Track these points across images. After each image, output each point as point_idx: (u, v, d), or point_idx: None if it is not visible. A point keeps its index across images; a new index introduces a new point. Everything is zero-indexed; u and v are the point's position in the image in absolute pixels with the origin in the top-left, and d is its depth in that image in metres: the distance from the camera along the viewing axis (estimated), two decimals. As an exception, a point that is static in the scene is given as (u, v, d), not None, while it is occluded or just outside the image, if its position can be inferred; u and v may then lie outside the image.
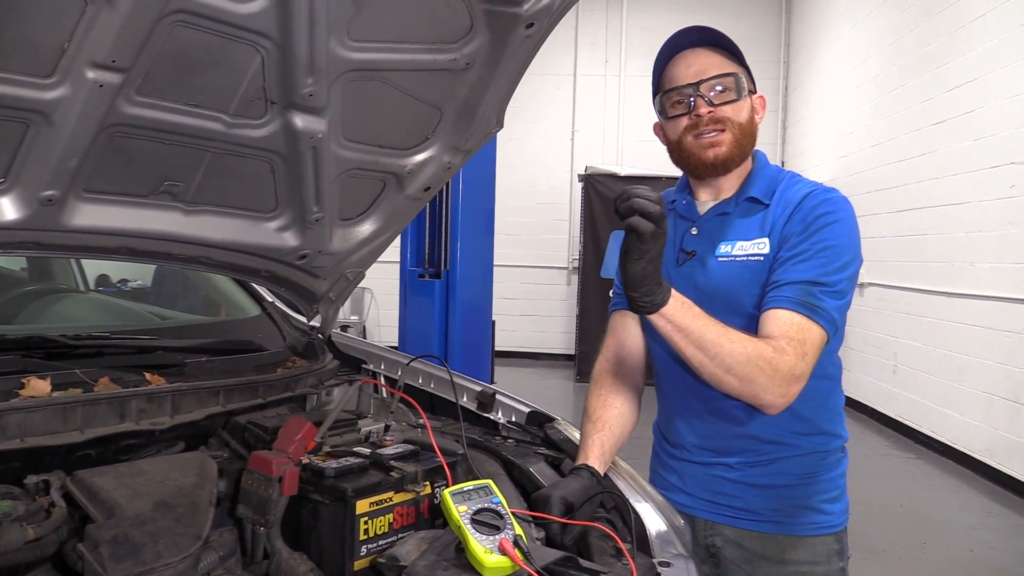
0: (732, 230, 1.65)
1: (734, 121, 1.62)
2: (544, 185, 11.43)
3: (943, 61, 6.57)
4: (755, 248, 1.60)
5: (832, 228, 1.55)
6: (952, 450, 6.29)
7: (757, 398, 1.48)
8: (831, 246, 1.54)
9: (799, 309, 1.49)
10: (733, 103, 1.62)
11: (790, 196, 1.62)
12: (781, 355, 1.45)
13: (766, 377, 1.44)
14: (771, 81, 11.01)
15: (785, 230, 1.58)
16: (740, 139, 1.63)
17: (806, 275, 1.51)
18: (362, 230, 1.90)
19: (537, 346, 11.33)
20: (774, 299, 1.52)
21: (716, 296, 1.61)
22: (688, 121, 1.63)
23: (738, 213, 1.66)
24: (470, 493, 1.20)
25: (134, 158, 1.44)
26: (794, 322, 1.48)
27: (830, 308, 1.50)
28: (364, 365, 2.13)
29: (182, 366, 1.64)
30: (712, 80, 1.61)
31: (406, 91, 1.61)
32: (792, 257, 1.54)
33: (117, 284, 3.45)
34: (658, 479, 1.81)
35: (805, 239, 1.55)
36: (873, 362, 7.77)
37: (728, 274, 1.62)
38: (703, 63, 1.62)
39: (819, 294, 1.50)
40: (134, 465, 1.31)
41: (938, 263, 6.61)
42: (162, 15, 1.21)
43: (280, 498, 1.30)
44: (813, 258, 1.52)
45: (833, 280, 1.51)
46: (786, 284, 1.52)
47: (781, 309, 1.50)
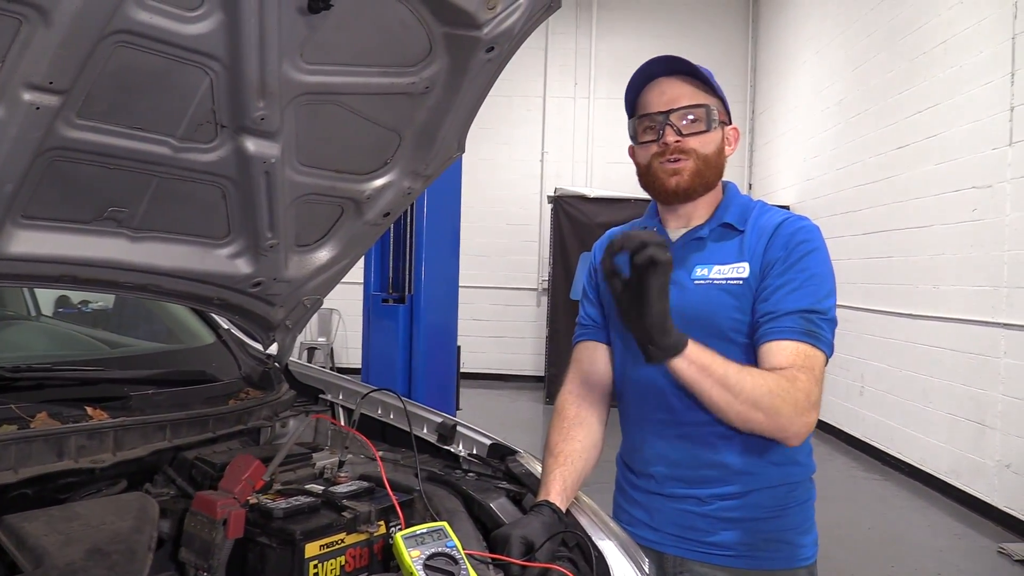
0: (708, 254, 1.65)
1: (700, 152, 1.62)
2: (514, 207, 11.43)
3: (905, 87, 6.68)
4: (734, 272, 1.60)
5: (813, 256, 1.58)
6: (919, 471, 6.33)
7: (783, 431, 1.50)
8: (816, 274, 1.56)
9: (803, 338, 1.51)
10: (701, 134, 1.61)
11: (764, 223, 1.63)
12: (796, 384, 1.46)
13: (789, 407, 1.45)
14: (738, 105, 11.13)
15: (767, 256, 1.59)
16: (703, 170, 1.63)
17: (800, 304, 1.53)
18: (319, 257, 1.85)
19: (506, 368, 11.27)
20: (775, 330, 1.53)
21: (694, 318, 1.58)
22: (656, 148, 1.63)
23: (712, 238, 1.66)
24: (423, 536, 1.15)
25: (76, 183, 1.38)
26: (800, 351, 1.50)
27: (828, 335, 1.54)
28: (321, 395, 2.07)
29: (127, 399, 1.57)
30: (683, 110, 1.61)
31: (364, 115, 1.57)
32: (781, 286, 1.55)
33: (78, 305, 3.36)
34: (623, 515, 1.76)
35: (789, 267, 1.56)
36: (840, 383, 7.82)
37: (706, 297, 1.60)
38: (676, 92, 1.62)
39: (817, 321, 1.52)
40: (68, 508, 1.24)
41: (903, 285, 6.68)
42: (103, 36, 1.15)
43: (225, 541, 1.23)
44: (803, 287, 1.54)
45: (825, 307, 1.54)
46: (784, 315, 1.53)
47: (785, 340, 1.51)
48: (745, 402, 1.44)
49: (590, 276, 1.84)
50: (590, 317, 1.81)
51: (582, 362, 1.77)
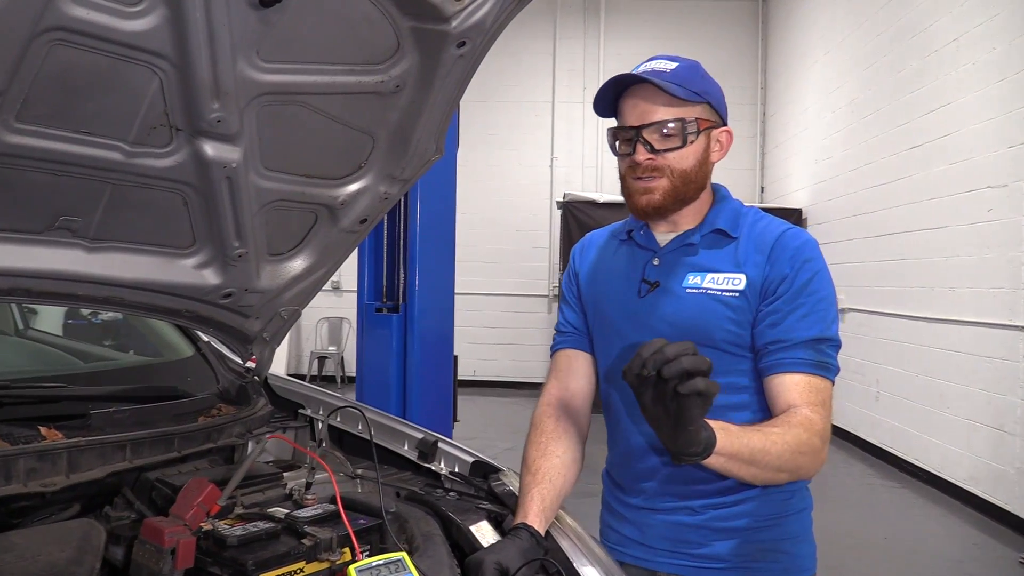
0: (700, 261, 1.56)
1: (675, 168, 1.51)
2: (523, 213, 11.35)
3: (917, 86, 6.55)
4: (729, 284, 1.52)
5: (819, 277, 1.52)
6: (937, 478, 6.18)
7: (804, 478, 1.53)
8: (823, 297, 1.51)
9: (814, 371, 1.47)
10: (677, 150, 1.50)
11: (760, 232, 1.55)
12: (813, 428, 1.42)
13: (809, 459, 1.43)
14: (749, 107, 11.03)
15: (771, 272, 1.50)
16: (679, 187, 1.53)
17: (811, 333, 1.47)
18: (294, 266, 1.77)
19: (517, 375, 11.17)
20: (787, 362, 1.47)
21: (686, 328, 1.51)
22: (629, 162, 1.54)
23: (704, 244, 1.57)
24: (379, 569, 1.07)
25: (22, 191, 1.31)
26: (812, 385, 1.46)
27: (834, 362, 1.51)
28: (301, 410, 1.99)
29: (86, 417, 1.50)
30: (653, 126, 1.50)
31: (332, 116, 1.49)
32: (792, 312, 1.48)
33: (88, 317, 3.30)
34: (611, 534, 1.67)
35: (800, 291, 1.49)
36: (855, 388, 7.67)
37: (700, 306, 1.52)
38: (647, 106, 1.50)
39: (826, 349, 1.49)
40: (4, 538, 1.15)
41: (918, 288, 6.54)
42: (36, 33, 1.08)
43: (173, 572, 1.15)
44: (812, 312, 1.49)
45: (832, 333, 1.50)
46: (795, 345, 1.47)
47: (799, 374, 1.47)
48: (769, 469, 1.39)
49: (569, 280, 1.75)
50: (570, 323, 1.72)
51: (561, 371, 1.69)
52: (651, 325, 1.54)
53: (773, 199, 10.49)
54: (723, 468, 1.34)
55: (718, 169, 1.60)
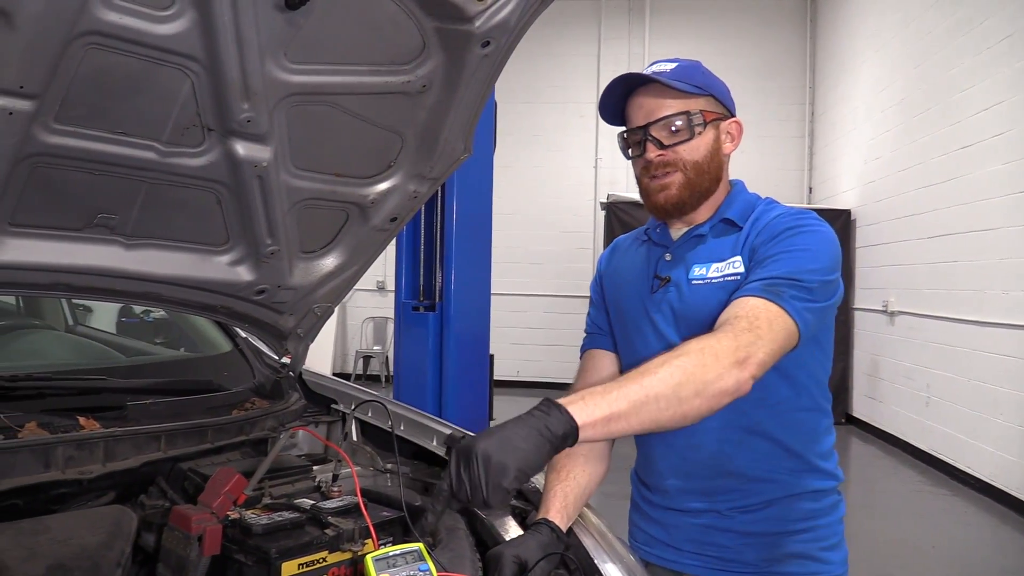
0: (706, 252, 1.56)
1: (687, 161, 1.51)
2: (567, 214, 11.34)
3: (969, 83, 6.38)
4: (730, 268, 1.50)
5: (805, 235, 1.45)
6: (989, 487, 6.00)
7: (724, 392, 1.27)
8: (803, 249, 1.43)
9: (757, 293, 1.36)
10: (686, 143, 1.51)
11: (764, 219, 1.53)
12: (712, 338, 1.30)
13: (711, 370, 1.26)
14: (796, 107, 10.86)
15: (754, 244, 1.48)
16: (693, 179, 1.53)
17: (773, 272, 1.40)
18: (326, 263, 1.81)
19: (560, 376, 11.14)
20: (735, 295, 1.41)
21: (693, 319, 1.50)
22: (643, 162, 1.54)
23: (713, 235, 1.57)
24: (396, 559, 1.09)
25: (63, 190, 1.36)
26: (748, 304, 1.36)
27: (791, 295, 1.36)
28: (334, 405, 2.02)
29: (123, 409, 1.55)
30: (660, 122, 1.50)
31: (361, 116, 1.52)
32: (761, 263, 1.44)
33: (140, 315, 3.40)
34: (639, 533, 1.67)
35: (774, 246, 1.45)
36: (905, 394, 7.50)
37: (704, 297, 1.51)
38: (652, 104, 1.52)
39: (785, 286, 1.37)
40: (39, 522, 1.21)
41: (970, 291, 6.37)
42: (71, 38, 1.12)
43: (200, 558, 1.19)
44: (781, 260, 1.41)
45: (804, 278, 1.38)
46: (751, 281, 1.41)
47: (737, 299, 1.38)
48: (671, 402, 1.23)
49: (596, 282, 1.76)
50: (596, 324, 1.73)
51: (588, 371, 1.70)
52: (663, 319, 1.55)
53: (821, 200, 10.31)
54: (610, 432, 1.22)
55: (765, 169, 1.61)
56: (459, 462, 1.12)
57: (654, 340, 1.57)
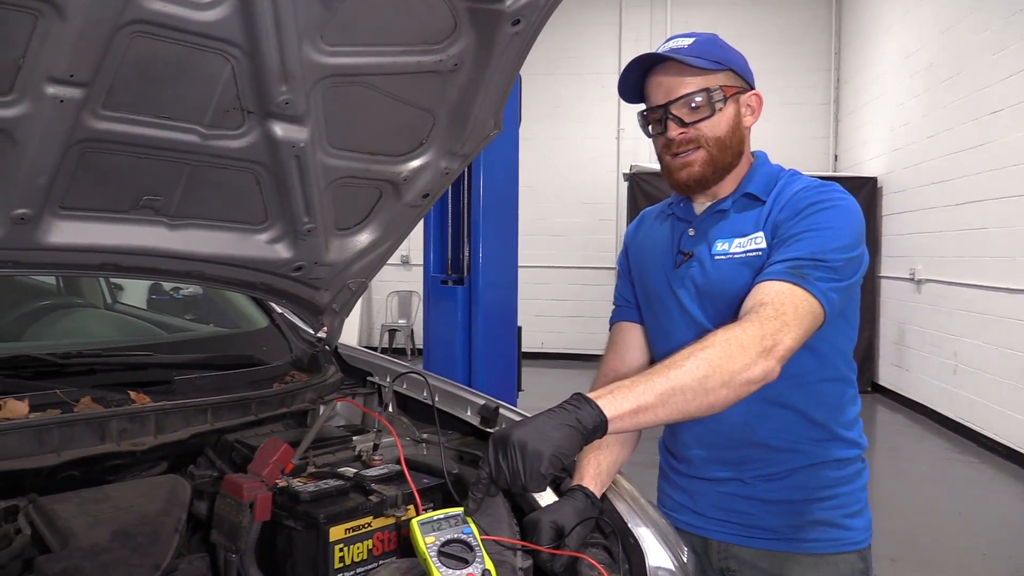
0: (729, 227, 1.57)
1: (708, 137, 1.52)
2: (589, 185, 11.33)
3: (999, 48, 6.27)
4: (752, 244, 1.52)
5: (828, 212, 1.45)
6: (1016, 454, 5.99)
7: (751, 382, 1.30)
8: (827, 227, 1.43)
9: (783, 277, 1.38)
10: (707, 119, 1.52)
11: (787, 192, 1.54)
12: (738, 328, 1.32)
13: (738, 360, 1.28)
14: (822, 73, 10.72)
15: (777, 220, 1.50)
16: (716, 155, 1.54)
17: (798, 253, 1.41)
18: (360, 240, 1.85)
19: (585, 348, 11.20)
20: (759, 277, 1.43)
21: (716, 295, 1.53)
22: (664, 140, 1.55)
23: (735, 209, 1.58)
24: (440, 523, 1.13)
25: (109, 173, 1.41)
26: (772, 289, 1.37)
27: (816, 277, 1.38)
28: (369, 378, 2.08)
29: (170, 383, 1.61)
30: (680, 100, 1.51)
31: (393, 95, 1.55)
32: (784, 241, 1.45)
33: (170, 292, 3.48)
34: (667, 499, 1.71)
35: (797, 223, 1.46)
36: (932, 361, 7.47)
37: (727, 272, 1.53)
38: (671, 82, 1.52)
39: (810, 268, 1.39)
40: (100, 491, 1.27)
41: (1000, 258, 6.31)
42: (118, 27, 1.16)
43: (252, 524, 1.24)
44: (805, 239, 1.43)
45: (829, 258, 1.40)
46: (775, 262, 1.42)
47: (762, 282, 1.40)
48: (698, 394, 1.27)
49: (623, 256, 1.79)
50: (623, 297, 1.76)
51: (617, 343, 1.73)
52: (686, 293, 1.57)
53: (847, 167, 10.21)
54: (638, 424, 1.27)
55: (790, 138, 1.61)
56: (497, 451, 1.16)
57: (678, 315, 1.59)
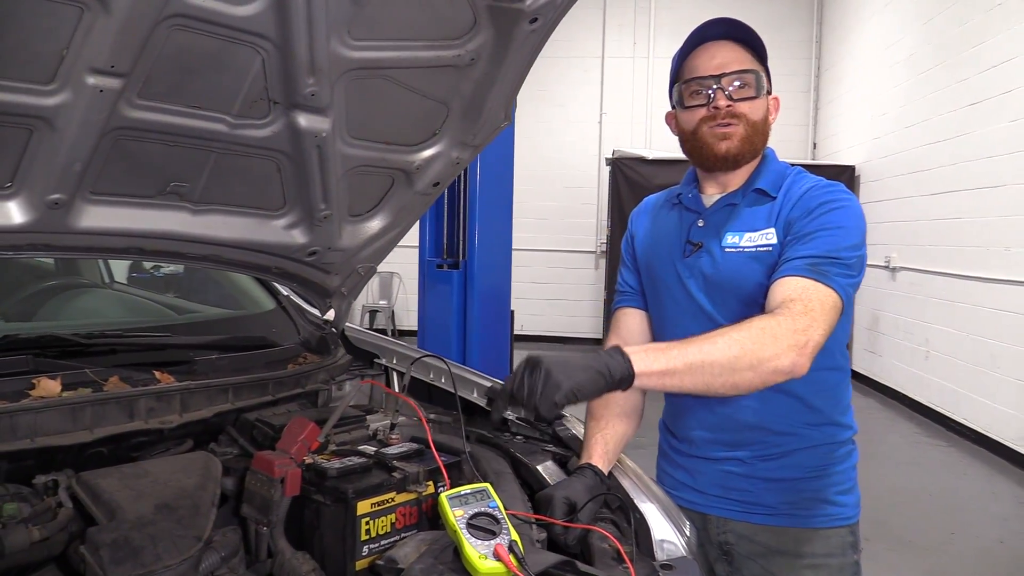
0: (739, 220, 1.65)
1: (749, 118, 1.61)
2: (572, 169, 11.38)
3: (978, 40, 6.40)
4: (763, 239, 1.60)
5: (837, 212, 1.54)
6: (985, 438, 6.19)
7: (778, 372, 1.37)
8: (839, 227, 1.53)
9: (805, 273, 1.46)
10: (751, 100, 1.60)
11: (796, 190, 1.62)
12: (773, 319, 1.40)
13: (769, 349, 1.35)
14: (803, 61, 10.83)
15: (789, 219, 1.58)
16: (752, 136, 1.62)
17: (814, 251, 1.50)
18: (372, 226, 1.90)
19: (564, 330, 11.32)
20: (780, 272, 1.50)
21: (725, 286, 1.61)
22: (706, 112, 1.62)
23: (746, 204, 1.66)
24: (467, 497, 1.20)
25: (140, 160, 1.45)
26: (798, 285, 1.45)
27: (835, 274, 1.47)
28: (376, 359, 2.14)
29: (192, 363, 1.66)
30: (733, 75, 1.59)
31: (411, 88, 1.60)
32: (799, 239, 1.53)
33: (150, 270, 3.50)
34: (666, 477, 1.80)
35: (810, 222, 1.54)
36: (904, 348, 7.65)
37: (737, 265, 1.61)
38: (726, 56, 1.61)
39: (828, 265, 1.47)
40: (138, 466, 1.33)
41: (973, 247, 6.47)
42: (159, 20, 1.21)
43: (282, 499, 1.31)
44: (819, 238, 1.51)
45: (844, 256, 1.49)
46: (794, 259, 1.50)
47: (785, 277, 1.48)
48: (724, 372, 1.34)
49: (627, 242, 1.86)
50: (628, 283, 1.83)
51: (621, 328, 1.80)
52: (695, 283, 1.65)
53: (826, 156, 10.36)
54: (663, 386, 1.34)
55: None
56: (524, 369, 1.24)
57: (685, 303, 1.67)
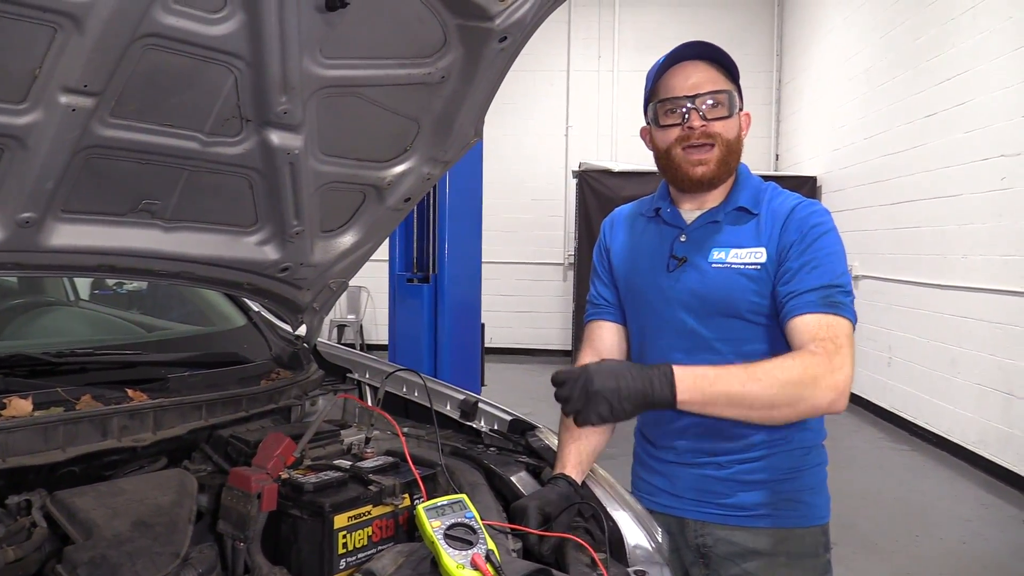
0: (724, 237, 1.69)
1: (723, 137, 1.65)
2: (539, 181, 11.45)
3: (933, 54, 6.58)
4: (752, 257, 1.65)
5: (828, 237, 1.63)
6: (946, 441, 6.32)
7: (816, 409, 1.53)
8: (832, 252, 1.62)
9: (822, 309, 1.55)
10: (724, 119, 1.65)
11: (777, 207, 1.68)
12: (812, 358, 1.49)
13: (809, 388, 1.48)
14: (764, 74, 11.02)
15: (782, 240, 1.64)
16: (726, 156, 1.66)
17: (820, 281, 1.58)
18: (343, 241, 1.91)
19: (532, 342, 11.35)
20: (796, 307, 1.58)
21: (712, 300, 1.66)
22: (680, 132, 1.66)
23: (728, 221, 1.70)
24: (444, 508, 1.22)
25: (111, 178, 1.45)
26: (821, 322, 1.54)
27: (847, 303, 1.58)
28: (349, 374, 2.15)
29: (165, 381, 1.66)
30: (707, 95, 1.64)
31: (383, 105, 1.63)
32: (802, 267, 1.60)
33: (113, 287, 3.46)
34: (643, 484, 1.83)
35: (807, 248, 1.61)
36: (868, 354, 7.79)
37: (725, 280, 1.65)
38: (700, 77, 1.65)
39: (836, 294, 1.57)
40: (114, 484, 1.32)
41: (931, 255, 6.63)
42: (133, 39, 1.21)
43: (259, 514, 1.31)
44: (821, 265, 1.59)
45: (843, 281, 1.59)
46: (804, 292, 1.58)
47: (806, 315, 1.56)
48: (763, 407, 1.48)
49: (601, 255, 1.89)
50: (602, 296, 1.86)
51: (595, 341, 1.83)
52: (679, 298, 1.68)
53: (788, 167, 10.54)
54: (701, 412, 1.47)
55: None
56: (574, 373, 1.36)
57: (668, 317, 1.70)
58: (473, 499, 1.49)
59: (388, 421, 1.94)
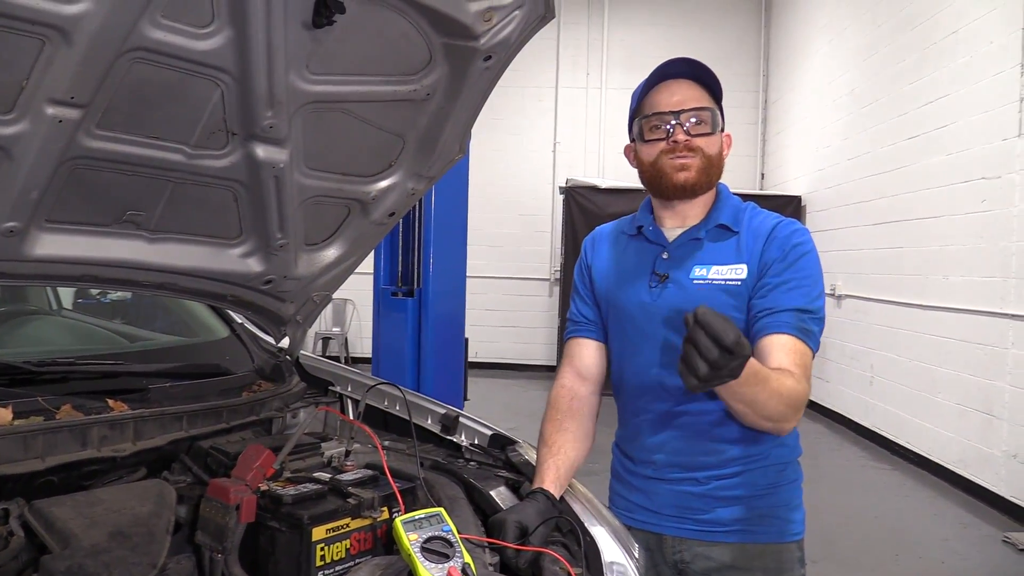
0: (705, 255, 1.73)
1: (705, 152, 1.70)
2: (526, 197, 11.49)
3: (916, 76, 6.68)
4: (732, 273, 1.69)
5: (807, 258, 1.68)
6: (927, 461, 6.36)
7: (783, 431, 1.65)
8: (809, 275, 1.66)
9: (797, 334, 1.61)
10: (707, 136, 1.70)
11: (758, 225, 1.72)
12: (799, 385, 1.56)
13: (791, 411, 1.58)
14: (751, 94, 11.14)
15: (764, 257, 1.68)
16: (708, 168, 1.71)
17: (796, 303, 1.62)
18: (327, 255, 1.92)
19: (518, 357, 11.36)
20: (774, 324, 1.62)
21: None
22: (665, 145, 1.70)
23: (709, 238, 1.74)
24: (421, 521, 1.23)
25: (96, 189, 1.46)
26: (796, 348, 1.60)
27: (816, 333, 1.65)
28: (331, 387, 2.15)
29: (146, 391, 1.66)
30: (691, 111, 1.69)
31: (368, 121, 1.64)
32: (780, 285, 1.64)
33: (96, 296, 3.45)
34: (620, 500, 1.84)
35: (787, 267, 1.66)
36: (850, 373, 7.85)
37: (706, 297, 1.68)
38: (685, 94, 1.70)
39: (808, 320, 1.63)
40: (92, 494, 1.32)
41: (913, 276, 6.70)
42: (120, 53, 1.23)
43: (238, 525, 1.31)
44: (798, 287, 1.64)
45: (816, 307, 1.65)
46: (782, 311, 1.62)
47: (784, 335, 1.61)
48: (759, 415, 1.55)
49: (582, 273, 1.91)
50: (582, 314, 1.88)
51: (574, 358, 1.85)
52: (662, 314, 1.70)
53: (773, 186, 10.63)
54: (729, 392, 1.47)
55: None
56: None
57: (650, 333, 1.73)
58: (452, 513, 1.50)
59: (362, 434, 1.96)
